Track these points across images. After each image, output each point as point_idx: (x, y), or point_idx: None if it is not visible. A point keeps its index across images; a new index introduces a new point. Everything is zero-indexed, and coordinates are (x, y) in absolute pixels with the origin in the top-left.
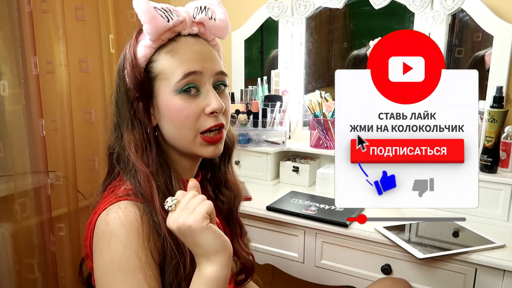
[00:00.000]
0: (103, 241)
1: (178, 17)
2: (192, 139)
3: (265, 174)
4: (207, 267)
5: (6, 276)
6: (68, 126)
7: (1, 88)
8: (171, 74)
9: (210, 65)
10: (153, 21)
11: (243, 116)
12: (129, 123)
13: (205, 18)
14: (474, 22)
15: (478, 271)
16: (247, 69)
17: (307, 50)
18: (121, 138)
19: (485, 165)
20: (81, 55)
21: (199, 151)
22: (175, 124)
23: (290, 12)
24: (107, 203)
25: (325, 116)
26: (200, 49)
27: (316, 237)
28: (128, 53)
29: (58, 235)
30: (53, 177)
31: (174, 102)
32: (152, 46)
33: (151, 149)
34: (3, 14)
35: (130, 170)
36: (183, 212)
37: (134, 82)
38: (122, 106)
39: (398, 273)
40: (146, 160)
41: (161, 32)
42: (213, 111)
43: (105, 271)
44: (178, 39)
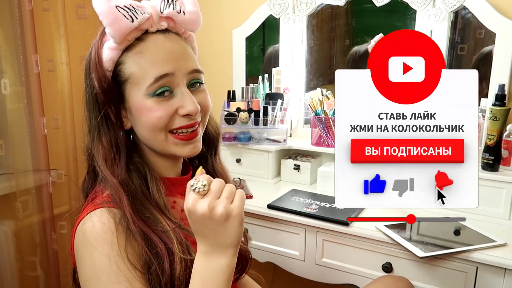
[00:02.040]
0: (82, 250)
1: (143, 14)
2: (164, 140)
3: (266, 172)
4: (222, 257)
5: (8, 274)
6: (70, 124)
7: (2, 87)
8: (141, 78)
9: (183, 64)
10: (116, 23)
11: (244, 114)
12: (96, 130)
13: (173, 13)
14: (476, 20)
15: (479, 270)
16: (248, 66)
17: (308, 47)
18: (93, 139)
19: (487, 163)
20: (82, 53)
21: (176, 151)
22: (147, 126)
23: (291, 9)
24: (86, 212)
25: (326, 114)
26: (171, 47)
27: (317, 235)
28: (93, 56)
29: (60, 233)
30: (54, 175)
31: (146, 105)
32: (118, 48)
33: (119, 158)
34: (4, 12)
35: (102, 179)
36: (221, 200)
37: (101, 88)
38: (91, 112)
39: (399, 272)
40: (114, 171)
41: (125, 33)
42: (187, 114)
43: (86, 279)
44: (146, 38)
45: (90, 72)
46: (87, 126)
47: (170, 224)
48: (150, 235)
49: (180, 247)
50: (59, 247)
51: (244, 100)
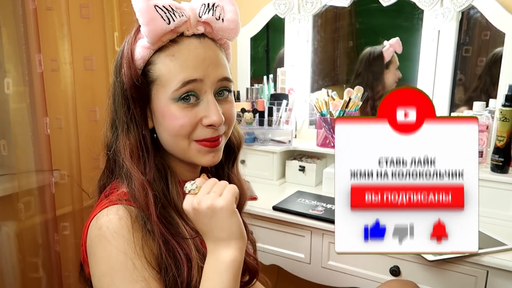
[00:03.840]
0: (96, 245)
1: (181, 17)
2: (186, 147)
3: (271, 173)
4: (225, 252)
5: (10, 275)
6: (73, 124)
7: (6, 86)
8: (169, 81)
9: (213, 72)
10: (152, 23)
11: (248, 115)
12: (125, 126)
13: (212, 19)
14: (485, 19)
15: (489, 274)
16: (253, 67)
17: (313, 48)
18: (117, 138)
19: (496, 165)
20: (86, 53)
21: (196, 159)
22: (169, 132)
23: (296, 9)
24: (100, 208)
25: (332, 115)
26: (204, 53)
27: (323, 237)
28: (125, 52)
29: (62, 234)
30: (57, 175)
31: (170, 110)
32: (151, 47)
33: (148, 156)
34: (8, 11)
35: (125, 175)
36: (209, 195)
37: (131, 85)
38: (119, 107)
39: (407, 275)
40: (142, 168)
41: (160, 35)
42: (211, 124)
43: (101, 275)
44: (180, 41)
45: (121, 67)
46: (109, 120)
47: (189, 231)
48: (169, 238)
49: (198, 254)
50: (61, 248)
51: (249, 101)
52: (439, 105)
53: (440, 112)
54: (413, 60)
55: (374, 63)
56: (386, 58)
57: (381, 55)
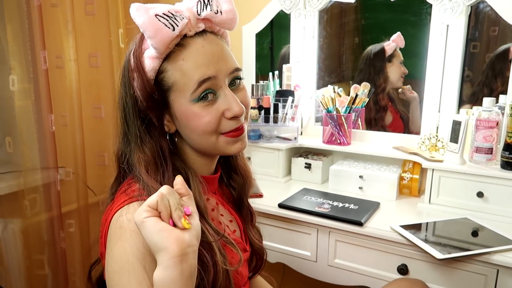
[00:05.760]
0: (115, 240)
1: (182, 20)
2: (215, 142)
3: (276, 170)
4: (156, 269)
5: (16, 272)
6: (78, 121)
7: (11, 83)
8: (185, 85)
9: (223, 66)
10: (158, 34)
11: (254, 112)
12: (139, 139)
13: (211, 14)
14: (494, 13)
15: (500, 272)
16: (258, 64)
17: (319, 44)
18: (130, 148)
19: (506, 162)
20: (91, 49)
21: (227, 150)
22: (197, 132)
23: (302, 4)
24: (121, 203)
25: (338, 111)
26: (211, 49)
27: (329, 235)
28: (133, 65)
29: (68, 231)
30: (62, 173)
31: (193, 111)
32: (159, 57)
33: (166, 165)
34: (12, 8)
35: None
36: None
37: (147, 97)
38: (131, 121)
39: (415, 274)
40: (160, 178)
41: (168, 43)
42: (234, 116)
43: (114, 270)
44: (186, 43)
45: (130, 81)
46: (120, 132)
47: (212, 234)
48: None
49: (222, 258)
50: (67, 245)
51: (254, 97)
52: (447, 102)
53: (448, 110)
54: (420, 56)
55: (376, 58)
56: (388, 51)
57: (383, 50)
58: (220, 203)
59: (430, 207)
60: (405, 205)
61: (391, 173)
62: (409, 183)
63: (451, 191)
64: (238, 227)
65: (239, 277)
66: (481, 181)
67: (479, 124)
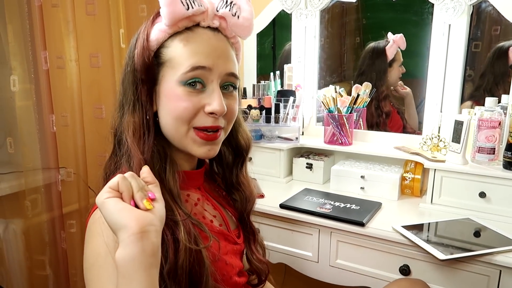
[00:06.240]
0: (88, 238)
1: (199, 6)
2: (185, 133)
3: (278, 171)
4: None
5: (17, 273)
6: (79, 122)
7: (12, 83)
8: (179, 64)
9: (222, 64)
10: (171, 5)
11: (255, 112)
12: (131, 105)
13: (228, 14)
14: (496, 13)
15: (502, 273)
16: (259, 64)
17: (320, 44)
18: (123, 116)
19: (509, 162)
20: (92, 50)
21: (191, 148)
22: (172, 114)
23: (303, 4)
24: None
25: (339, 111)
26: (216, 44)
27: (331, 236)
28: (141, 34)
29: (69, 232)
30: (64, 173)
31: (176, 92)
32: (167, 31)
33: (148, 136)
34: (13, 8)
35: (125, 153)
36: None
37: (142, 65)
38: (127, 87)
39: (417, 274)
40: (141, 147)
41: (178, 19)
42: (212, 112)
43: (86, 268)
44: (196, 30)
45: (134, 48)
46: (118, 101)
47: (181, 214)
48: None
49: (186, 236)
50: (68, 246)
51: (255, 97)
52: (449, 102)
53: (450, 109)
54: (422, 55)
55: (377, 61)
56: (389, 56)
57: (384, 53)
58: (204, 199)
59: (432, 207)
60: (407, 205)
61: (393, 173)
62: (411, 183)
63: (453, 191)
64: (224, 221)
65: (228, 267)
66: (483, 181)
67: (481, 124)
